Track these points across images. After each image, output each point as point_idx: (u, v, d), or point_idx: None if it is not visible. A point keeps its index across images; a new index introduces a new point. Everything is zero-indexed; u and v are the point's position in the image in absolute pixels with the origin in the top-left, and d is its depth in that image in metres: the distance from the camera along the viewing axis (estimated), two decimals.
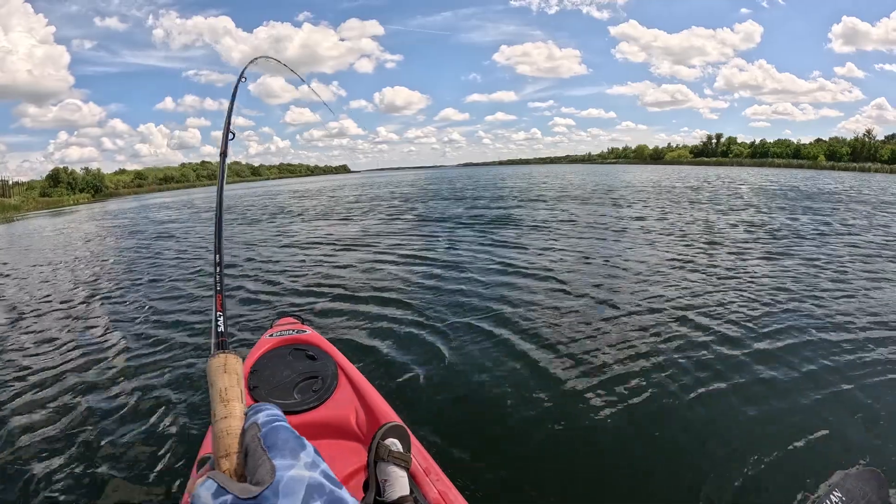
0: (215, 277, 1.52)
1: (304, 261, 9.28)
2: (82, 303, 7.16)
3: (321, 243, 11.52)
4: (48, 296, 7.92)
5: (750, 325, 4.93)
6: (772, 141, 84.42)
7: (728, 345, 4.45)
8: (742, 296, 5.90)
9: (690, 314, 5.27)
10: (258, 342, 2.98)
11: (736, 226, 11.97)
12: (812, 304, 5.56)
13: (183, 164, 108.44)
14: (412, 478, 1.72)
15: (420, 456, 1.87)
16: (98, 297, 7.48)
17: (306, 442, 0.96)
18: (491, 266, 7.90)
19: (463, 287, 6.64)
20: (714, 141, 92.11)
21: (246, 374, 2.59)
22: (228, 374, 1.18)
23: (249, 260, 9.78)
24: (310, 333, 3.00)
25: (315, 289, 7.04)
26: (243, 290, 7.26)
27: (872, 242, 9.29)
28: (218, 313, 1.43)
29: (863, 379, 3.76)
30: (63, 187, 69.16)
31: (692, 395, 3.58)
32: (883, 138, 75.07)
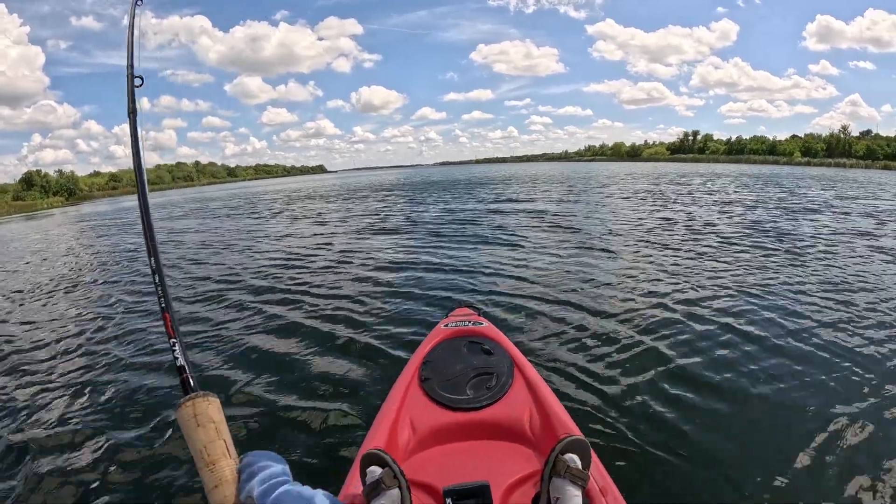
0: (157, 291, 1.27)
1: (465, 251, 9.42)
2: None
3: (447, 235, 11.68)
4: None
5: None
6: (747, 137, 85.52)
7: None
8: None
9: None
10: (433, 331, 2.92)
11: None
12: None
13: (158, 166, 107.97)
14: (587, 496, 1.59)
15: (597, 472, 1.74)
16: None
17: (317, 499, 0.91)
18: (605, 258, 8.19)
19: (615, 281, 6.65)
20: (691, 138, 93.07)
21: (418, 364, 2.56)
22: (204, 427, 1.03)
23: (410, 249, 10.02)
24: (486, 326, 2.89)
25: (484, 280, 7.02)
26: (415, 277, 7.40)
27: None
28: (172, 341, 1.21)
29: None
30: (37, 191, 68.06)
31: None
32: (857, 134, 76.31)
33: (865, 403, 3.31)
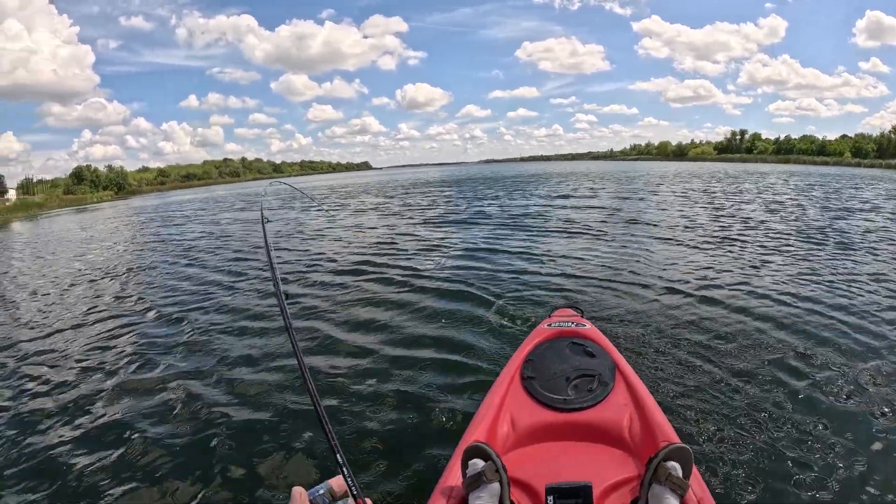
0: (326, 433, 1.28)
1: (567, 249, 9.21)
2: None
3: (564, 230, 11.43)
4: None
5: None
6: (796, 137, 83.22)
7: None
8: None
9: None
10: (535, 330, 2.94)
11: None
12: None
13: (205, 162, 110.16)
14: None
15: (696, 483, 1.68)
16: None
17: None
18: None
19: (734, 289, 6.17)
20: (738, 137, 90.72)
21: (521, 362, 2.58)
22: None
23: (510, 245, 9.74)
24: (589, 328, 2.88)
25: (586, 279, 6.90)
26: (516, 273, 7.30)
27: None
28: None
29: None
30: (87, 185, 70.23)
31: None
32: None
33: None
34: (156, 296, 7.42)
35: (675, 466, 1.55)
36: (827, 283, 6.10)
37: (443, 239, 10.62)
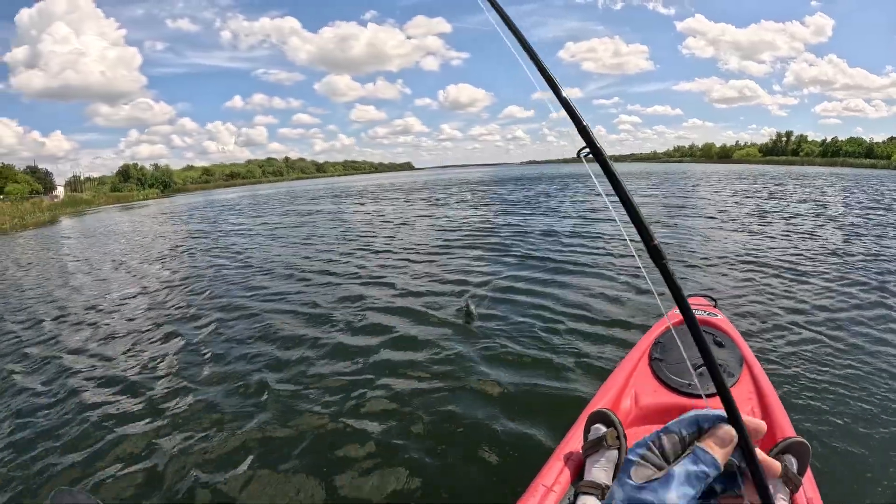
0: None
1: (706, 238, 9.31)
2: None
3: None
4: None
5: None
6: (843, 139, 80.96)
7: None
8: None
9: None
10: (668, 314, 2.92)
11: None
12: None
13: (249, 161, 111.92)
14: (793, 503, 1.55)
15: (808, 484, 1.64)
16: None
17: None
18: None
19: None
20: (784, 139, 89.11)
21: (650, 343, 2.63)
22: None
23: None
24: (721, 318, 2.88)
25: (724, 268, 6.94)
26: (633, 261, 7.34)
27: None
28: None
29: None
30: (133, 183, 72.05)
31: None
32: None
33: None
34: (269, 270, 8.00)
35: (790, 460, 1.54)
36: None
37: (540, 225, 11.00)
